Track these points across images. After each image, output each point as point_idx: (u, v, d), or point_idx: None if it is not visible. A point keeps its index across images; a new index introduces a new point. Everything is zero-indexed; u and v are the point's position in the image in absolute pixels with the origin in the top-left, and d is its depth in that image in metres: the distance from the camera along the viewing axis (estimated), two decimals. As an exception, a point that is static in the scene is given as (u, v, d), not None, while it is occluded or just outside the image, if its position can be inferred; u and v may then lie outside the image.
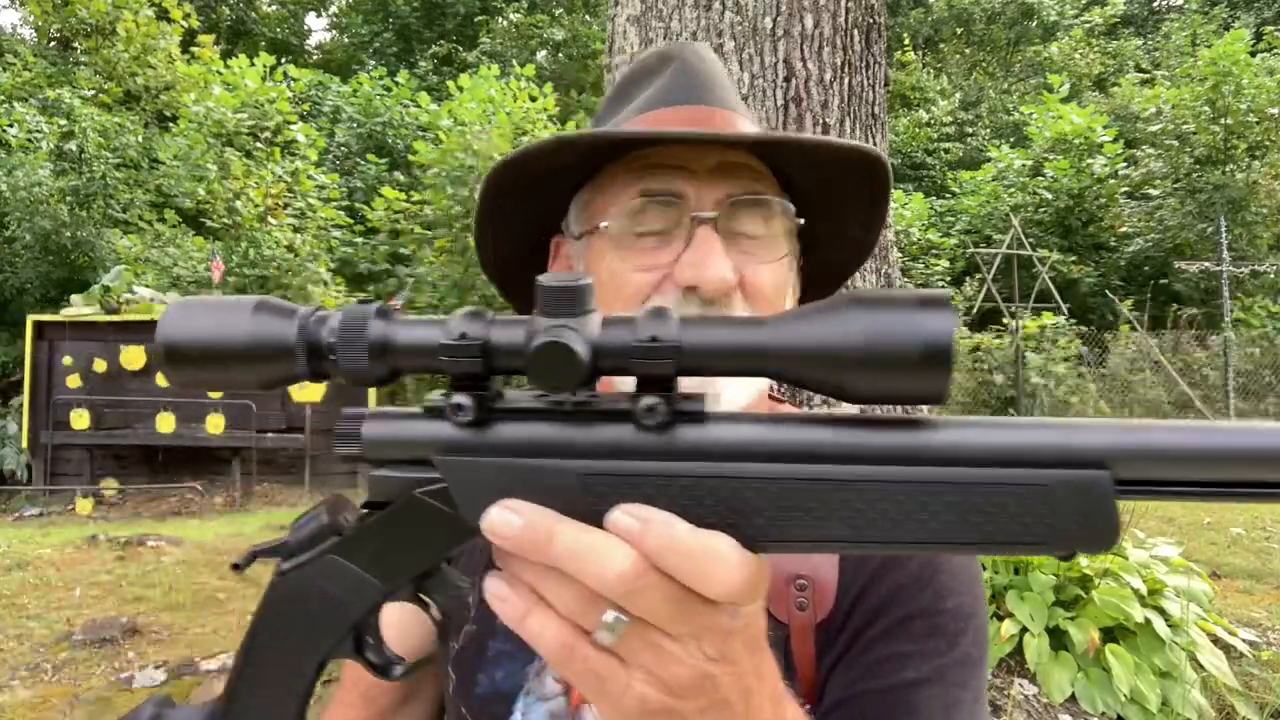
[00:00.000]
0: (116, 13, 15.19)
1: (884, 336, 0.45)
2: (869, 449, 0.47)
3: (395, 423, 0.52)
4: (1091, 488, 0.45)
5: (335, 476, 11.48)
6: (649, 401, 0.48)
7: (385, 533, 0.52)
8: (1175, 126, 15.64)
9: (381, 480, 0.52)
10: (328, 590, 0.54)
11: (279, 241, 12.30)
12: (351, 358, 0.49)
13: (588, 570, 0.46)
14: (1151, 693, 3.10)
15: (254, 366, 0.50)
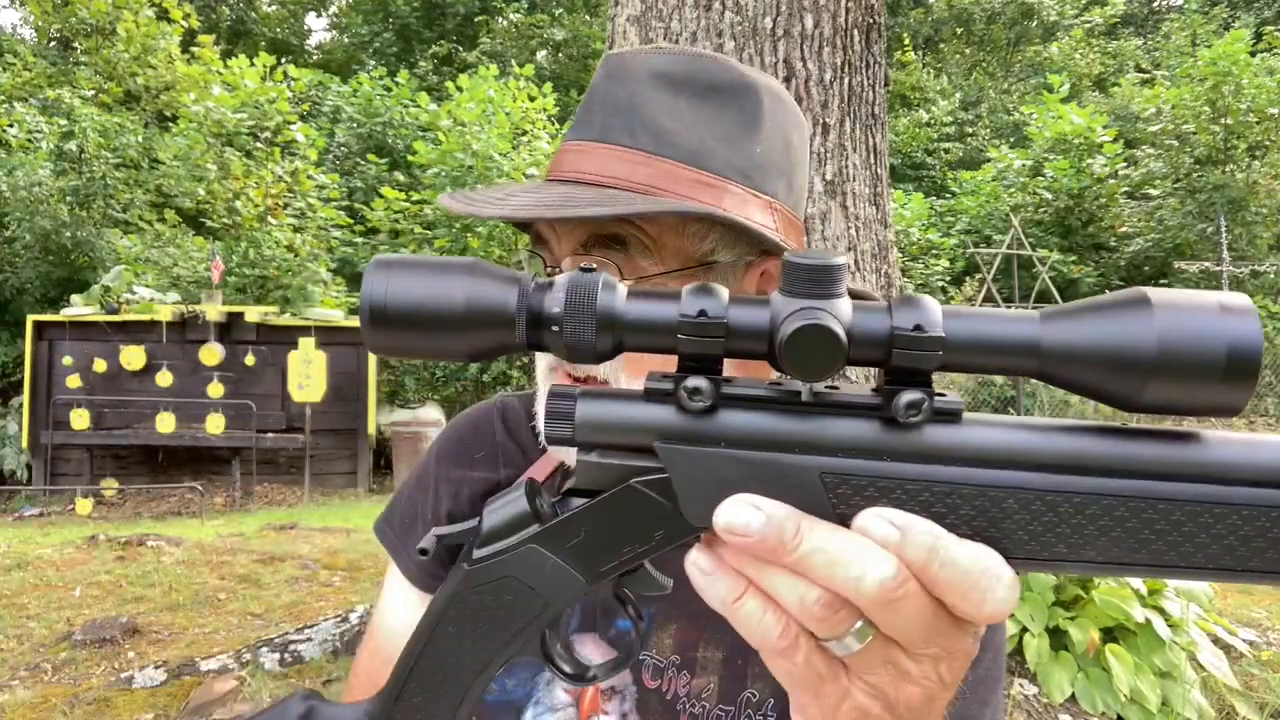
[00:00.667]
0: (116, 13, 15.19)
1: (1185, 342, 0.40)
2: (1145, 462, 0.42)
3: (613, 404, 0.47)
4: None
5: (334, 476, 11.49)
6: (912, 398, 0.43)
7: (594, 524, 0.48)
8: (1175, 126, 15.64)
9: (592, 466, 0.47)
10: (525, 583, 0.49)
11: (279, 241, 12.30)
12: (577, 330, 0.45)
13: (840, 577, 0.42)
14: (1151, 693, 3.11)
15: (467, 334, 0.46)
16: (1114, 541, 0.42)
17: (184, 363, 10.77)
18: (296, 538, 6.91)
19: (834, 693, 0.46)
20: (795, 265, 0.43)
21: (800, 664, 0.45)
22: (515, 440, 0.97)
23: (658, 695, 0.83)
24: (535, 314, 0.46)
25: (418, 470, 1.00)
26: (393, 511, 0.99)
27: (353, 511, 9.27)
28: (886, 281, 2.40)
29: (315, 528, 7.45)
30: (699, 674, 0.82)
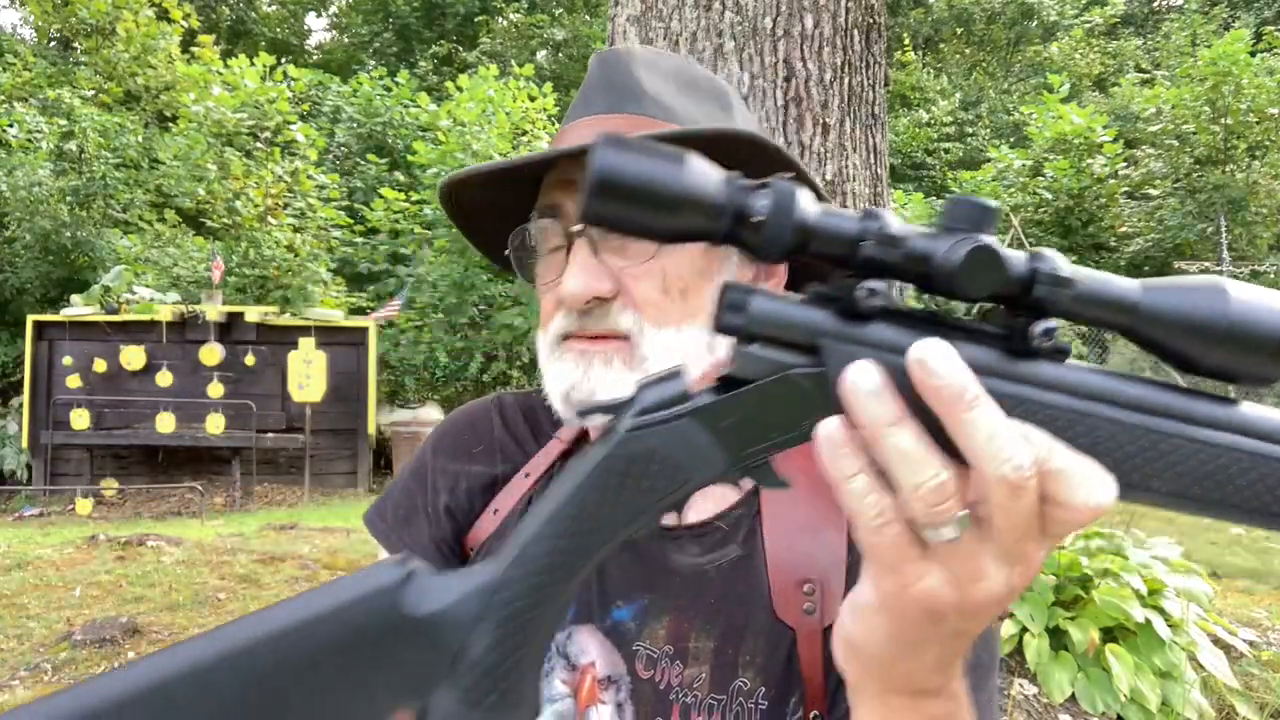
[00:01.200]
0: (116, 13, 15.19)
1: (1253, 320, 0.50)
2: (1206, 416, 0.52)
3: (782, 303, 0.52)
4: None
5: (334, 476, 11.49)
6: (1047, 326, 0.50)
7: (749, 408, 0.52)
8: (1175, 126, 15.64)
9: (752, 357, 0.52)
10: (674, 455, 0.53)
11: (279, 241, 12.30)
12: (776, 230, 0.50)
13: (986, 448, 0.46)
14: (1151, 693, 3.11)
15: (678, 216, 0.50)
16: (1176, 476, 0.51)
17: (184, 363, 10.77)
18: (296, 538, 6.91)
19: (912, 573, 0.49)
20: (958, 202, 0.50)
21: (888, 541, 0.49)
22: (513, 435, 0.97)
23: (651, 685, 0.83)
24: (739, 210, 0.50)
25: (413, 465, 1.00)
26: (385, 504, 0.99)
27: (353, 511, 9.27)
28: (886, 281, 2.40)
29: (315, 528, 7.45)
30: (691, 664, 0.83)
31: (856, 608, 0.53)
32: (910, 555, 0.49)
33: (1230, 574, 5.20)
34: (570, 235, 0.81)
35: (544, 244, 0.86)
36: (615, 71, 0.88)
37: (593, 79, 0.89)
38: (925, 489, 0.46)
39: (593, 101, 0.87)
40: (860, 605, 0.53)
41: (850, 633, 0.54)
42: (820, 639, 0.81)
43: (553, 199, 0.84)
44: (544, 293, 0.85)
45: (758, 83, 2.28)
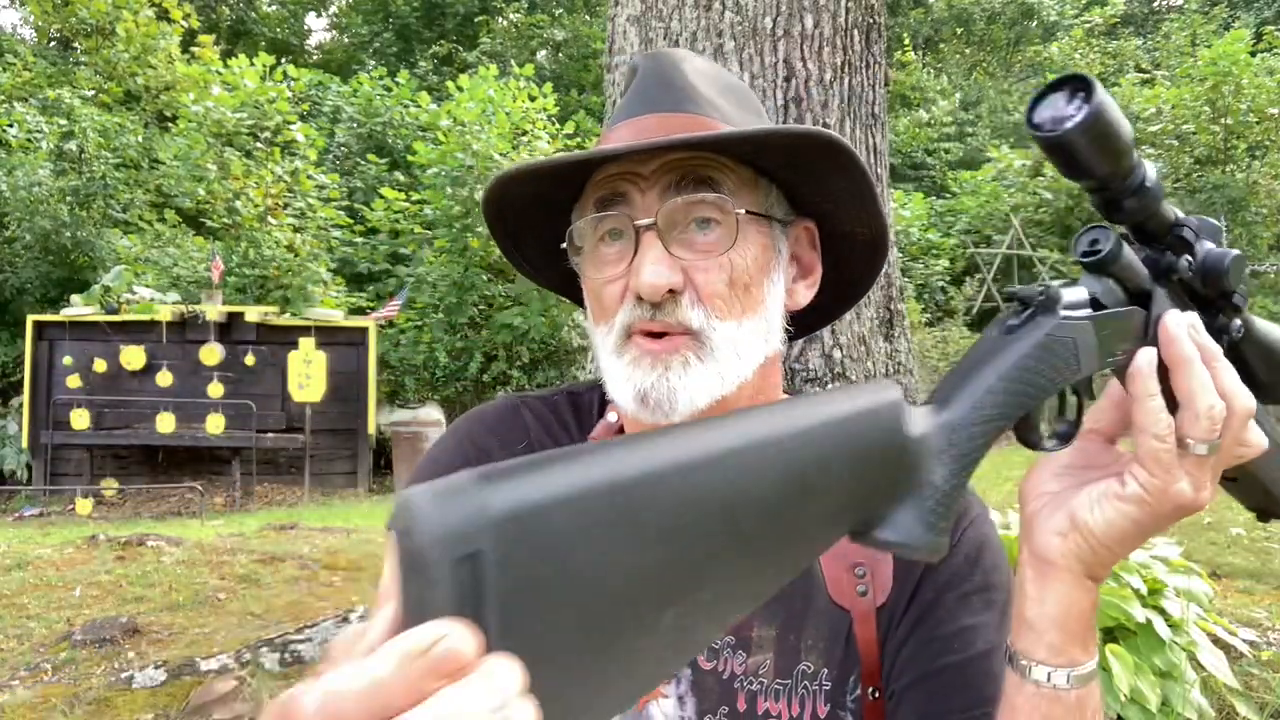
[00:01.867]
0: (116, 13, 15.19)
1: None
2: None
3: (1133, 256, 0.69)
4: None
5: (334, 476, 11.49)
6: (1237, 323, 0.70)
7: (1112, 328, 0.66)
8: (1175, 126, 15.64)
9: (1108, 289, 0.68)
10: (1080, 346, 0.65)
11: (279, 241, 12.30)
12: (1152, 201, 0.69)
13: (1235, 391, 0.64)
14: (1151, 693, 3.10)
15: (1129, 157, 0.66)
16: None
17: (184, 363, 10.77)
18: (296, 538, 6.91)
19: (1175, 475, 0.64)
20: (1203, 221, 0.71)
21: (1168, 446, 0.64)
22: (549, 434, 0.98)
23: (714, 676, 0.86)
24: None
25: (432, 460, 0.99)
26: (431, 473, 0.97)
27: (353, 511, 9.27)
28: (886, 281, 2.40)
29: (315, 528, 7.44)
30: (754, 652, 0.86)
31: (1108, 498, 0.66)
32: (1173, 464, 0.64)
33: (1230, 574, 5.20)
34: (639, 228, 0.81)
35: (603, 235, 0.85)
36: (670, 71, 0.90)
37: (647, 77, 0.90)
38: (1216, 410, 0.63)
39: (653, 99, 0.88)
40: (1115, 496, 0.66)
41: (1089, 519, 0.66)
42: (874, 618, 0.86)
43: (615, 187, 0.84)
44: (605, 284, 0.84)
45: (758, 83, 2.28)
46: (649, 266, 0.79)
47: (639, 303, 0.81)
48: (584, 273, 0.89)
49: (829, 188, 0.87)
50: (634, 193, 0.83)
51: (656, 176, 0.82)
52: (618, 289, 0.83)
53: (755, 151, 0.84)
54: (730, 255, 0.82)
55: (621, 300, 0.83)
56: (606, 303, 0.84)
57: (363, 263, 14.27)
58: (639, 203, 0.83)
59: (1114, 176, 0.64)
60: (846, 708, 0.85)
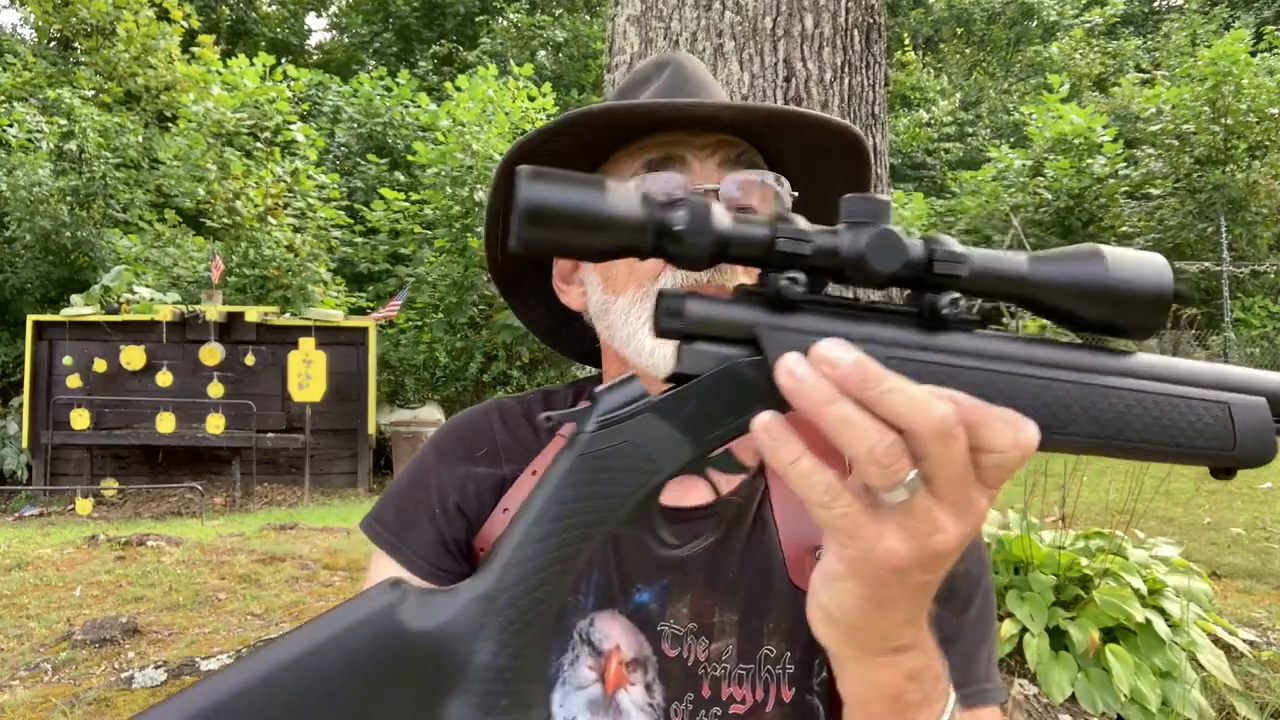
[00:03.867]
0: (117, 13, 15.18)
1: (1128, 279, 0.55)
2: (1105, 366, 0.57)
3: (715, 303, 0.56)
4: (1258, 411, 0.58)
5: (334, 476, 11.49)
6: (951, 297, 0.56)
7: (702, 398, 0.56)
8: (1175, 126, 15.64)
9: (696, 354, 0.56)
10: (641, 448, 0.57)
11: (279, 241, 12.29)
12: (695, 239, 0.54)
13: (915, 410, 0.50)
14: (1151, 693, 3.10)
15: (601, 234, 0.53)
16: (1089, 421, 0.56)
17: (184, 363, 10.77)
18: (296, 538, 6.91)
19: (871, 536, 0.52)
20: (855, 199, 0.55)
21: (841, 510, 0.52)
22: (515, 437, 0.98)
23: (679, 663, 0.86)
24: (660, 224, 0.54)
25: (412, 472, 0.99)
26: (384, 511, 0.99)
27: (353, 511, 9.26)
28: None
29: (315, 528, 7.44)
30: (717, 638, 0.86)
31: (826, 579, 0.56)
32: (865, 521, 0.52)
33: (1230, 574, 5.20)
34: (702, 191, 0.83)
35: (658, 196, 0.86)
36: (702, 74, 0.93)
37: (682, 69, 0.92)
38: (879, 451, 0.49)
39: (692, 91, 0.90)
40: (829, 576, 0.56)
41: (825, 604, 0.57)
42: None
43: (674, 152, 0.85)
44: None
45: (758, 83, 2.28)
46: None
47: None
48: None
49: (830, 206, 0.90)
50: (692, 159, 0.84)
51: (711, 150, 0.84)
52: None
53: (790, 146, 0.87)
54: None
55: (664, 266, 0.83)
56: (644, 268, 0.84)
57: (363, 263, 14.27)
58: (697, 169, 0.84)
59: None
60: (813, 691, 0.85)
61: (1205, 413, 0.57)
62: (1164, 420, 0.57)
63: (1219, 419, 0.57)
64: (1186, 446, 0.57)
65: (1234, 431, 0.57)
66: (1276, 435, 0.58)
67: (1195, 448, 0.57)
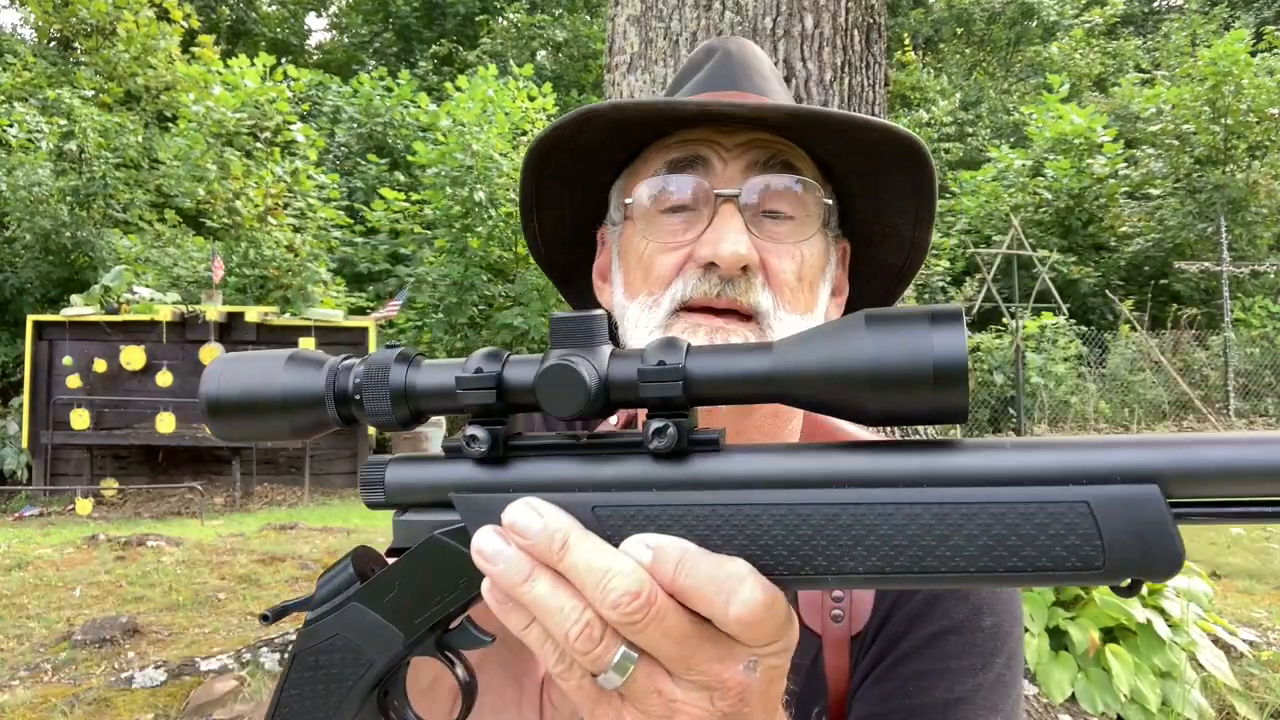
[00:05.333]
0: (117, 13, 15.19)
1: (893, 355, 0.43)
2: (890, 473, 0.45)
3: (418, 466, 0.52)
4: (1140, 504, 0.41)
5: (334, 476, 11.48)
6: (658, 425, 0.47)
7: (405, 577, 0.52)
8: (1175, 126, 15.64)
9: (406, 525, 0.52)
10: (351, 640, 0.53)
11: (279, 241, 12.29)
12: (375, 403, 0.50)
13: (594, 586, 0.44)
14: (1151, 693, 3.10)
15: (288, 416, 0.52)
16: (870, 550, 0.44)
17: (184, 363, 10.77)
18: (296, 538, 6.91)
19: (607, 716, 0.47)
20: (556, 319, 0.49)
21: (574, 686, 0.47)
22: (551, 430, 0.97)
23: None
24: (342, 393, 0.51)
25: None
26: None
27: (353, 511, 9.26)
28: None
29: (315, 528, 7.44)
30: None
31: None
32: (600, 699, 0.47)
33: (1230, 574, 5.19)
34: (719, 197, 0.77)
35: (676, 198, 0.79)
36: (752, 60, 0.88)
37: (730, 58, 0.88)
38: (571, 637, 0.45)
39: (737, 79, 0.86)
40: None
41: None
42: (847, 647, 0.79)
43: (695, 151, 0.79)
44: (661, 252, 0.79)
45: (758, 83, 2.28)
46: (733, 235, 0.75)
47: (706, 274, 0.76)
48: (628, 239, 0.83)
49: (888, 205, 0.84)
50: (715, 160, 0.79)
51: (742, 151, 0.79)
52: (677, 258, 0.78)
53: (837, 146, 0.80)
54: (801, 246, 0.79)
55: (679, 271, 0.78)
56: (659, 272, 0.79)
57: (363, 263, 14.27)
58: (720, 172, 0.79)
59: None
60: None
61: (1055, 518, 0.42)
62: (984, 538, 0.43)
63: (1081, 525, 0.42)
64: (1026, 569, 0.43)
65: (1100, 537, 0.42)
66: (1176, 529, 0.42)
67: (1040, 569, 0.43)
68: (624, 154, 0.85)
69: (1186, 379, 12.95)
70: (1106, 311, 15.24)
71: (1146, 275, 15.77)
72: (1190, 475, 0.42)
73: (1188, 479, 0.42)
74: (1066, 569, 0.43)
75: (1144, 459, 0.42)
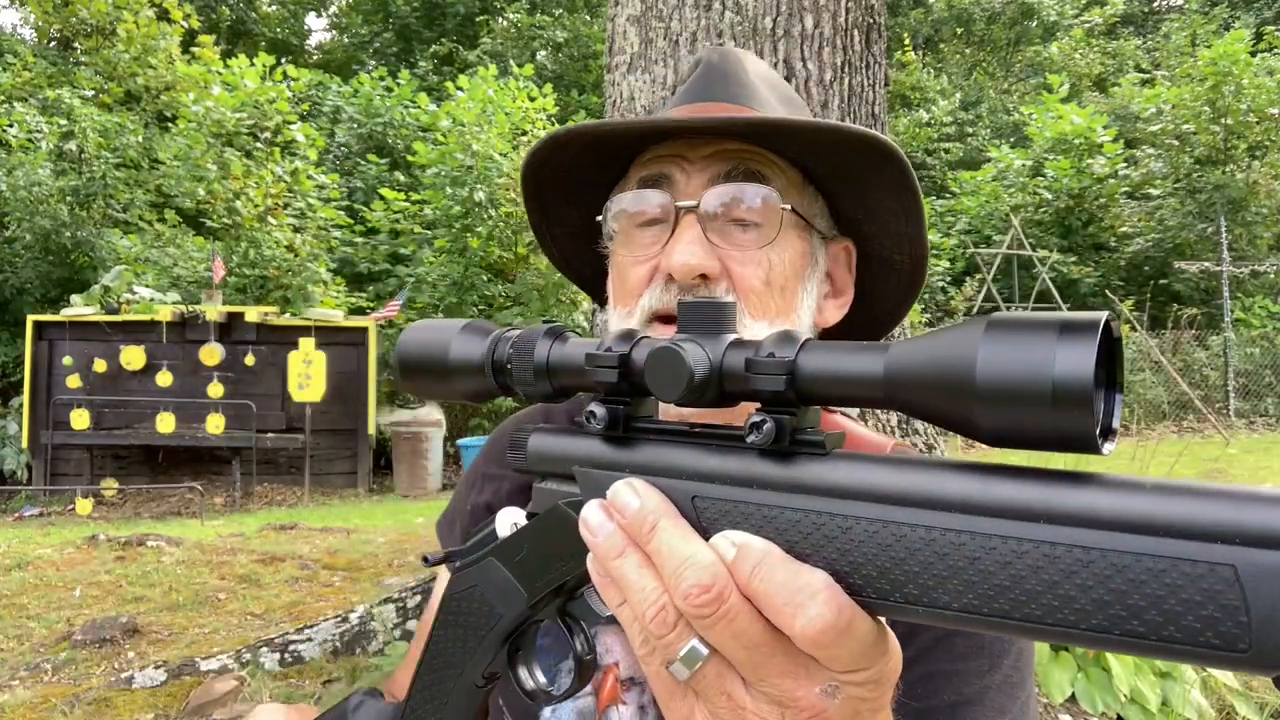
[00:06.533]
0: (117, 13, 15.19)
1: (1008, 366, 0.37)
2: (1004, 501, 0.39)
3: (554, 437, 0.54)
4: None
5: (334, 476, 11.49)
6: (757, 419, 0.45)
7: (532, 541, 0.54)
8: (1175, 126, 15.64)
9: (542, 492, 0.54)
10: (485, 592, 0.56)
11: (279, 241, 12.29)
12: (522, 374, 0.53)
13: (672, 573, 0.45)
14: (1151, 693, 3.10)
15: (457, 381, 0.56)
16: (966, 585, 0.39)
17: (184, 363, 10.77)
18: (296, 538, 6.91)
19: (681, 710, 0.48)
20: (686, 305, 0.49)
21: (654, 673, 0.48)
22: None
23: None
24: (498, 364, 0.54)
25: (466, 471, 1.06)
26: (449, 509, 1.05)
27: (353, 511, 9.26)
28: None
29: (315, 528, 7.44)
30: None
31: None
32: (676, 691, 0.48)
33: (1230, 574, 5.20)
34: (679, 209, 0.80)
35: (642, 213, 0.83)
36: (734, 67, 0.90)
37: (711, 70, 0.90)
38: (648, 618, 0.46)
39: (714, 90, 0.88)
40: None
41: None
42: None
43: (662, 169, 0.82)
44: (633, 264, 0.82)
45: (758, 83, 2.28)
46: (684, 245, 0.77)
47: (668, 285, 0.79)
48: (614, 252, 0.87)
49: (874, 203, 0.85)
50: (679, 176, 0.81)
51: (706, 164, 0.81)
52: (646, 270, 0.81)
53: (807, 151, 0.82)
54: (769, 252, 0.80)
55: (649, 282, 0.81)
56: (632, 284, 0.82)
57: (363, 263, 14.26)
58: (682, 186, 0.81)
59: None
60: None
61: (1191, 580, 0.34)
62: (1099, 590, 0.36)
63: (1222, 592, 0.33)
64: (1149, 636, 0.35)
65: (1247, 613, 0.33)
66: None
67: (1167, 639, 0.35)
68: (613, 171, 0.89)
69: (1186, 379, 12.95)
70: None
71: (1146, 275, 15.77)
72: None
73: None
74: (1200, 645, 0.34)
75: None
